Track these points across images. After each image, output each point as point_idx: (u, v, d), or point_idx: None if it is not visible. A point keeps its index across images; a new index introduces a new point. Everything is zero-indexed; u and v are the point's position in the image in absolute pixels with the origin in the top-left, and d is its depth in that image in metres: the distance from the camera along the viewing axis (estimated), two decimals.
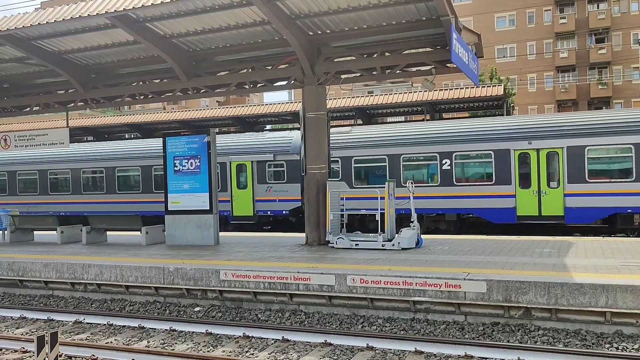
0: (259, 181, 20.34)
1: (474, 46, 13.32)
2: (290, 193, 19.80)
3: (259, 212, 20.33)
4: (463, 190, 17.78)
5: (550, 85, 49.81)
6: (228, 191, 20.66)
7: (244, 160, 20.56)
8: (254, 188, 20.36)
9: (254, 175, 20.41)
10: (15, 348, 7.94)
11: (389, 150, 18.81)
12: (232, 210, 20.63)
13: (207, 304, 10.25)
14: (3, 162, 25.41)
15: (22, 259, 12.35)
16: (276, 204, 20.06)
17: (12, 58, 15.42)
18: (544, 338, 7.65)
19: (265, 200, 20.27)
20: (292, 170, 19.73)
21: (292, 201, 19.83)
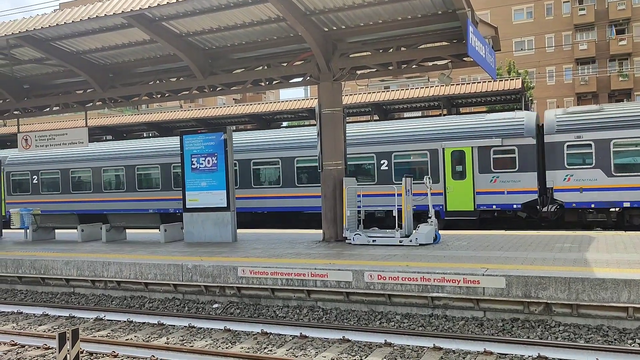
0: (482, 170, 17.77)
1: (491, 39, 13.17)
2: (523, 183, 17.23)
3: (480, 207, 17.77)
4: None
5: (570, 78, 49.10)
6: (440, 182, 18.18)
7: (462, 146, 17.99)
8: (475, 178, 17.82)
9: (475, 163, 17.81)
10: (37, 345, 8.07)
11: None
12: (446, 205, 18.18)
13: (225, 301, 10.31)
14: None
15: (44, 257, 12.54)
16: (504, 196, 17.49)
17: (32, 59, 15.64)
18: (565, 334, 7.55)
19: (489, 192, 17.72)
20: (525, 156, 17.24)
21: (525, 193, 17.25)
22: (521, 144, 17.31)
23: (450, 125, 18.69)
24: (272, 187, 20.72)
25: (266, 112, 27.95)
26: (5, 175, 25.32)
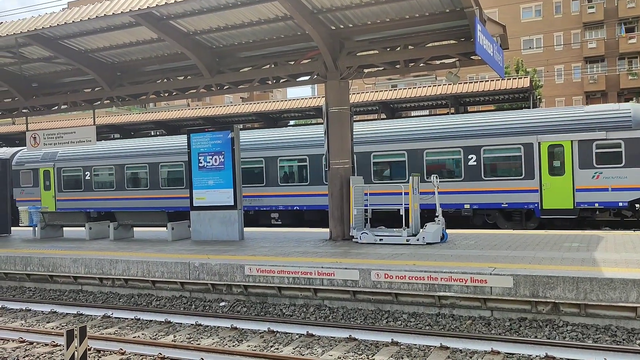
0: (583, 165, 16.66)
1: (499, 38, 13.11)
2: (631, 180, 16.13)
3: (580, 205, 16.64)
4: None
5: (579, 76, 48.82)
6: (535, 179, 17.06)
7: (561, 140, 16.84)
8: (575, 174, 16.70)
9: (575, 158, 16.68)
10: (45, 342, 8.12)
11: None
12: (542, 202, 16.98)
13: (232, 299, 10.33)
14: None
15: (52, 254, 12.61)
16: (608, 193, 16.41)
17: (40, 57, 15.72)
18: (573, 334, 7.51)
19: (591, 189, 16.60)
20: (633, 150, 16.10)
21: (633, 190, 16.13)
22: (629, 137, 16.13)
23: (546, 117, 17.59)
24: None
25: (273, 110, 27.99)
26: (57, 172, 24.75)
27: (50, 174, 24.95)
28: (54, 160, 24.77)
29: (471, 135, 17.97)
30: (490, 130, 17.89)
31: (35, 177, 25.31)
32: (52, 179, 24.80)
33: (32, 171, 25.36)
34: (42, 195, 24.99)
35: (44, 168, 25.02)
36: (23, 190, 25.48)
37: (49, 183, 24.97)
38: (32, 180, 25.38)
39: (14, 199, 24.28)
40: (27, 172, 25.45)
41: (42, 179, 25.14)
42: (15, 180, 25.39)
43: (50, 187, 24.90)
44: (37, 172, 25.32)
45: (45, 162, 25.01)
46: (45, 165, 24.97)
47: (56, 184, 24.70)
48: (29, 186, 25.36)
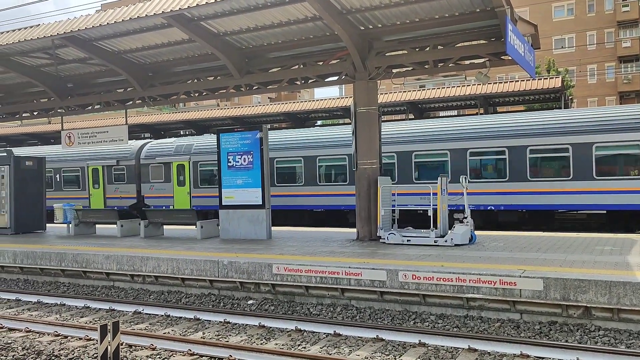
0: None
1: (530, 37, 12.93)
2: None
3: None
4: None
5: (612, 76, 47.74)
6: None
7: None
8: None
9: None
10: (79, 336, 8.32)
11: None
12: None
13: (260, 297, 10.43)
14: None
15: (86, 251, 12.91)
16: None
17: (75, 59, 16.11)
18: (605, 339, 7.38)
19: None
20: None
21: None
22: None
23: None
24: None
25: (301, 110, 28.12)
26: (193, 166, 22.78)
27: (185, 168, 22.95)
28: (189, 154, 22.79)
29: (584, 131, 16.68)
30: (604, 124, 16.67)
31: (167, 172, 23.36)
32: (186, 174, 22.82)
33: (164, 165, 23.40)
34: (175, 191, 23.07)
35: (178, 162, 23.00)
36: (152, 186, 23.63)
37: (183, 178, 22.93)
38: (163, 175, 23.47)
39: (142, 195, 22.78)
40: (158, 167, 23.50)
41: (175, 174, 23.11)
42: (145, 175, 23.88)
43: (184, 182, 22.91)
44: (169, 167, 23.31)
45: (178, 156, 23.00)
46: (179, 159, 22.93)
47: (192, 179, 22.70)
48: (160, 181, 23.49)
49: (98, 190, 25.17)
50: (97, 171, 25.20)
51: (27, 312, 10.20)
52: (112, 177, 24.81)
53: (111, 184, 24.71)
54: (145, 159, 23.98)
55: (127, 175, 24.44)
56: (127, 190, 24.33)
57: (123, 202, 23.55)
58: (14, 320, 9.31)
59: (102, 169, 25.01)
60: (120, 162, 24.53)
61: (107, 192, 24.87)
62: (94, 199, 25.18)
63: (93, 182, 25.30)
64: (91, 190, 25.30)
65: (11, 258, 13.68)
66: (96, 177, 25.24)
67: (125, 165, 24.48)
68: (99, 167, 25.08)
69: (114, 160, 24.64)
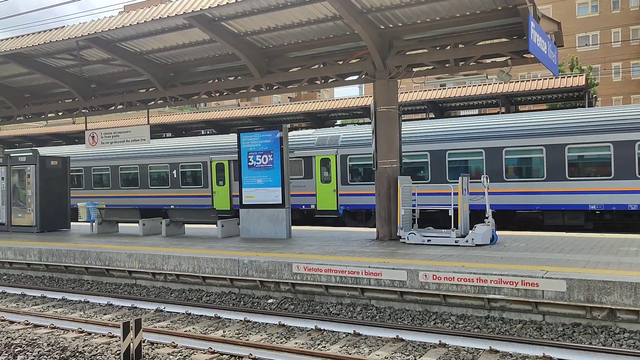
0: None
1: (553, 35, 12.76)
2: None
3: None
4: None
5: (638, 74, 46.84)
6: None
7: None
8: None
9: None
10: (103, 333, 8.44)
11: None
12: None
13: (280, 296, 10.47)
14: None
15: (109, 249, 13.10)
16: None
17: (99, 59, 16.35)
18: (630, 341, 7.25)
19: None
20: None
21: None
22: None
23: None
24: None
25: (321, 110, 28.14)
26: (341, 160, 20.29)
27: (331, 162, 20.47)
28: (336, 146, 20.38)
29: None
30: None
31: (308, 166, 20.79)
32: (333, 170, 20.36)
33: (304, 160, 20.83)
34: (318, 189, 20.50)
35: (322, 156, 20.56)
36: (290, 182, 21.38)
37: (328, 174, 20.44)
38: (302, 171, 20.93)
39: None
40: (296, 161, 21.04)
41: (319, 169, 20.65)
42: None
43: (329, 178, 20.44)
44: (311, 161, 20.80)
45: (323, 149, 20.62)
46: (324, 153, 20.52)
47: (339, 175, 20.21)
48: (299, 177, 20.88)
49: (223, 187, 22.54)
50: (222, 166, 22.56)
51: (52, 309, 10.38)
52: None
53: (237, 180, 20.82)
54: None
55: None
56: None
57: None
58: (40, 317, 9.48)
59: (227, 164, 22.29)
60: None
61: (234, 189, 21.83)
62: (217, 197, 22.65)
63: (217, 179, 22.61)
64: (214, 187, 22.69)
65: (37, 256, 13.95)
66: (221, 173, 22.59)
67: None
68: (224, 161, 22.38)
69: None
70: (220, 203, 22.53)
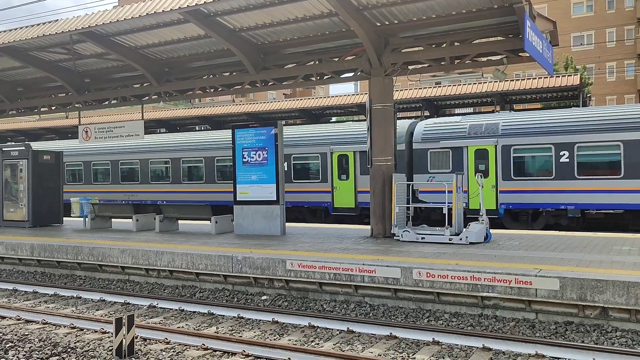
0: None
1: (549, 34, 12.79)
2: None
3: None
4: None
5: (632, 74, 47.04)
6: None
7: None
8: None
9: None
10: (95, 328, 8.41)
11: None
12: None
13: (273, 293, 10.45)
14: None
15: (101, 244, 13.03)
16: None
17: (93, 54, 16.24)
18: (622, 340, 7.29)
19: None
20: None
21: None
22: None
23: None
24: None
25: (316, 107, 28.10)
26: (502, 151, 17.86)
27: (490, 155, 18.01)
28: (495, 135, 17.91)
29: None
30: None
31: (457, 159, 18.39)
32: (492, 162, 17.94)
33: (452, 151, 18.45)
34: (471, 184, 18.06)
35: (477, 147, 18.12)
36: (432, 177, 18.60)
37: (485, 168, 17.97)
38: (450, 164, 18.53)
39: (414, 189, 18.64)
40: (442, 153, 18.58)
41: (473, 161, 18.24)
42: (420, 163, 18.94)
43: (487, 173, 17.86)
44: (461, 152, 18.33)
45: (477, 138, 18.14)
46: (479, 143, 18.07)
47: (500, 169, 17.73)
48: (445, 171, 18.32)
49: (346, 182, 19.99)
50: (345, 158, 20.04)
51: (44, 305, 10.33)
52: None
53: (365, 174, 18.92)
54: (421, 142, 18.90)
55: None
56: None
57: None
58: (31, 312, 9.43)
59: (353, 156, 19.84)
60: None
61: (359, 184, 19.62)
62: (339, 193, 20.03)
63: (339, 173, 20.16)
64: (336, 182, 20.14)
65: (29, 251, 13.87)
66: (344, 165, 20.09)
67: None
68: (348, 152, 19.91)
69: None
70: (342, 200, 20.01)
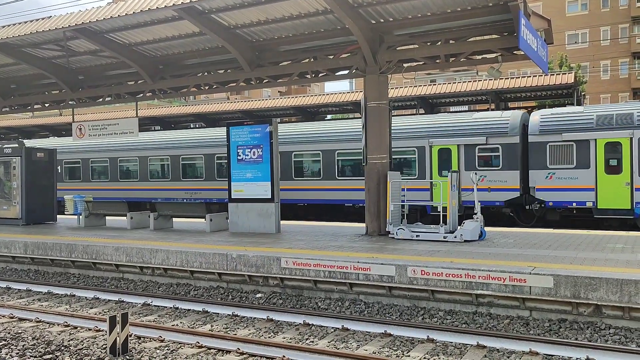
0: None
1: (544, 32, 12.81)
2: None
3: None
4: None
5: (626, 72, 47.24)
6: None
7: None
8: None
9: None
10: (89, 327, 8.37)
11: None
12: None
13: (268, 291, 10.44)
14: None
15: (96, 242, 12.98)
16: None
17: (87, 51, 16.16)
18: (616, 337, 7.32)
19: None
20: None
21: None
22: None
23: None
24: None
25: (311, 104, 28.04)
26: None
27: (622, 148, 16.42)
28: (631, 127, 16.35)
29: None
30: None
31: (583, 153, 16.83)
32: (625, 157, 16.44)
33: (576, 144, 16.88)
34: (600, 181, 16.55)
35: (608, 139, 16.51)
36: (552, 173, 17.15)
37: (617, 163, 16.49)
38: (574, 159, 16.92)
39: (529, 187, 17.43)
40: (564, 146, 17.09)
41: (602, 155, 16.61)
42: (537, 157, 17.35)
43: (619, 169, 16.49)
44: (587, 146, 16.82)
45: (606, 130, 16.61)
46: (612, 135, 16.47)
47: (637, 164, 16.26)
48: (568, 167, 16.94)
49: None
50: (447, 152, 18.53)
51: (37, 303, 10.28)
52: (475, 161, 18.04)
53: (471, 169, 17.74)
54: (538, 135, 17.34)
55: (502, 158, 17.65)
56: (500, 179, 17.58)
57: (490, 196, 17.42)
58: (25, 310, 9.39)
59: (457, 150, 18.34)
60: (491, 140, 17.76)
61: (464, 181, 17.37)
62: (439, 191, 18.19)
63: (439, 168, 18.58)
64: (435, 177, 18.60)
65: (22, 249, 13.80)
66: (445, 160, 18.56)
67: (500, 144, 17.65)
68: (451, 146, 18.39)
69: (481, 136, 17.86)
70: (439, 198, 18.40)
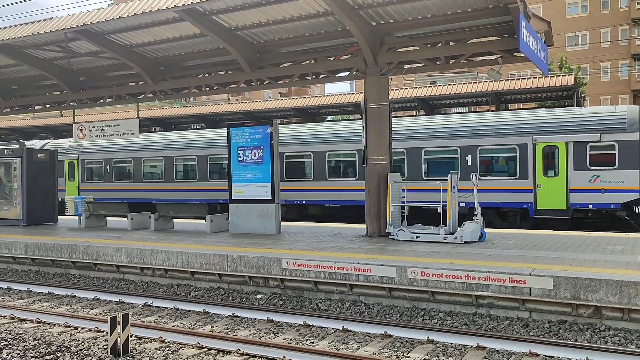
0: None
1: (544, 34, 12.83)
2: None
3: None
4: None
5: (626, 74, 47.27)
6: None
7: None
8: None
9: None
10: (90, 327, 8.39)
11: None
12: None
13: (268, 292, 10.46)
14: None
15: (96, 243, 13.00)
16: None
17: (88, 52, 16.19)
18: (615, 339, 7.34)
19: None
20: None
21: None
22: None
23: None
24: None
25: (311, 106, 28.10)
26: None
27: None
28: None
29: None
30: None
31: None
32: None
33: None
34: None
35: None
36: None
37: None
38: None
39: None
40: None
41: None
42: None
43: None
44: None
45: None
46: None
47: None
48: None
49: (554, 179, 16.76)
50: (553, 150, 16.96)
51: (38, 303, 10.30)
52: (586, 160, 16.40)
53: (581, 169, 16.39)
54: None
55: (619, 157, 15.97)
56: (616, 180, 15.97)
57: (604, 198, 16.05)
58: (26, 311, 9.41)
59: (565, 148, 16.60)
60: (605, 136, 16.13)
61: (573, 181, 16.47)
62: (543, 192, 16.74)
63: (544, 168, 16.95)
64: (540, 179, 16.88)
65: (23, 249, 13.82)
66: (550, 160, 16.93)
67: (616, 142, 16.01)
68: (558, 143, 16.74)
69: (594, 133, 16.28)
70: (548, 200, 16.80)
